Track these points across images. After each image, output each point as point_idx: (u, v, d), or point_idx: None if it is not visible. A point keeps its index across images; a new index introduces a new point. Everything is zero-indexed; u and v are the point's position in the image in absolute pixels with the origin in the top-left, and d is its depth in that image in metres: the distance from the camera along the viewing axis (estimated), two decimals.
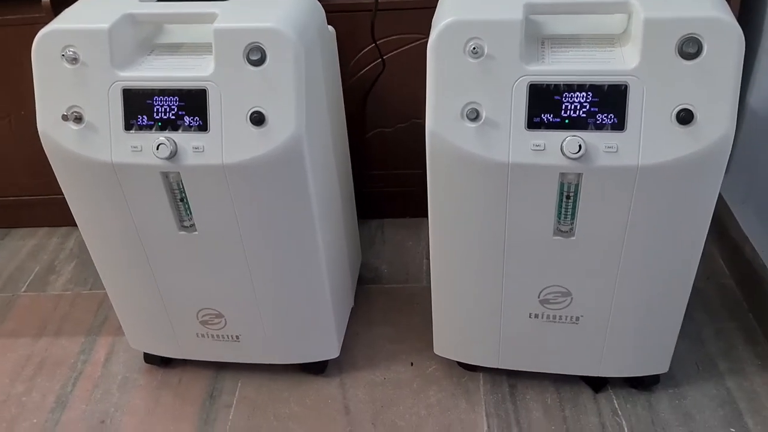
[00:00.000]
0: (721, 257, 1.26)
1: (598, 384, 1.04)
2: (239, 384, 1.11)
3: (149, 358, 1.15)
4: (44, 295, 1.34)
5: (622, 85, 0.77)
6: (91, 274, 1.37)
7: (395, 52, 1.23)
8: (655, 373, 1.01)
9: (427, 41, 0.80)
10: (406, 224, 1.46)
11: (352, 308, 1.22)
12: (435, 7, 0.89)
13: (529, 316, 0.96)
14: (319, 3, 0.95)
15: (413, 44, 1.22)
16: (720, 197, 1.16)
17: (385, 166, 1.39)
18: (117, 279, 1.02)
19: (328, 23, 0.98)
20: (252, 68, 0.82)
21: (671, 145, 0.77)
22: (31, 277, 1.39)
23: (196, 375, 1.13)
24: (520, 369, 1.05)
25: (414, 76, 1.24)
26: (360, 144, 1.35)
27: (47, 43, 0.84)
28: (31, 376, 1.16)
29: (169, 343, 1.09)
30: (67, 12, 0.88)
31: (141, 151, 0.86)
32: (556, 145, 0.79)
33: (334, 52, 1.03)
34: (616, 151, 0.78)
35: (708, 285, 1.22)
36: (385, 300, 1.26)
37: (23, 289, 1.36)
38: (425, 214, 0.91)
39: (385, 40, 1.22)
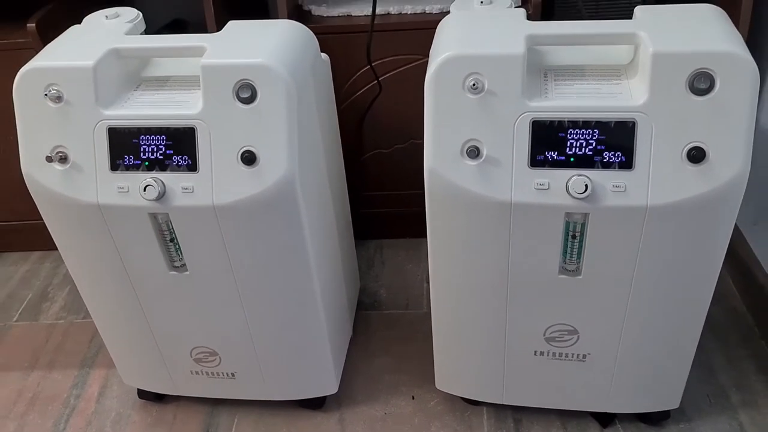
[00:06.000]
0: (732, 280, 1.23)
1: (605, 419, 1.01)
2: (236, 420, 1.08)
3: (143, 394, 1.11)
4: (37, 325, 1.30)
5: (629, 121, 0.73)
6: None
7: (392, 73, 1.19)
8: (665, 409, 0.98)
9: (424, 62, 0.76)
10: (405, 245, 1.42)
11: (351, 337, 1.19)
12: (433, 28, 0.85)
13: (535, 354, 0.93)
14: (311, 33, 0.91)
15: (410, 65, 1.18)
16: None
17: (383, 187, 1.36)
18: (107, 317, 0.99)
19: (322, 45, 0.94)
20: (242, 106, 0.78)
21: (682, 185, 0.73)
22: (23, 305, 1.35)
23: (191, 411, 1.10)
24: (525, 405, 1.01)
25: (412, 97, 1.21)
26: (357, 166, 1.31)
27: (29, 81, 0.80)
28: (23, 412, 1.13)
29: (163, 380, 1.05)
30: (50, 47, 0.85)
31: (128, 192, 0.82)
32: (561, 184, 0.76)
33: (328, 81, 0.99)
34: (624, 191, 0.74)
35: (718, 309, 1.18)
36: (385, 328, 1.22)
37: (15, 318, 1.32)
38: (425, 235, 0.86)
39: (380, 61, 1.18)
